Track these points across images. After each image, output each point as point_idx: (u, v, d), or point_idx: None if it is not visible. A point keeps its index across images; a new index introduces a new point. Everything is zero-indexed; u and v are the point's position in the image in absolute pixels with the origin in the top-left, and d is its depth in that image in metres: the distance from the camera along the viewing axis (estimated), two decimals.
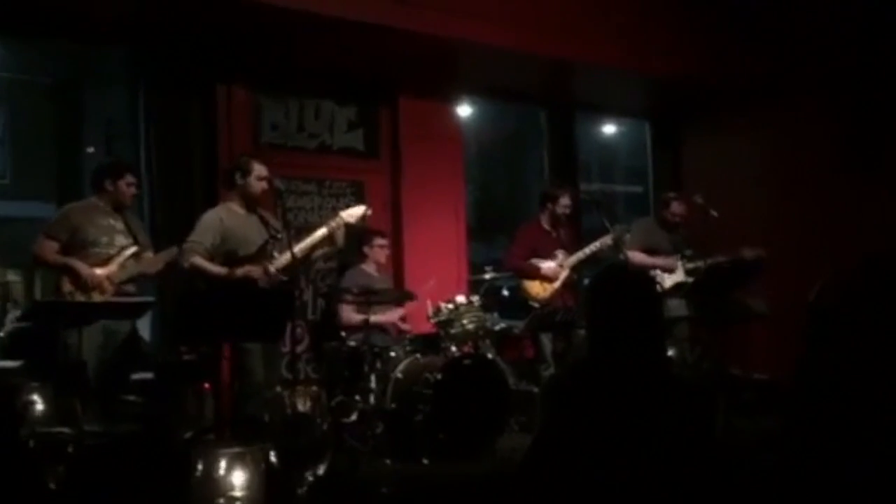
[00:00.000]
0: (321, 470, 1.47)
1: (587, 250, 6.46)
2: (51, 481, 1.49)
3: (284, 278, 4.99)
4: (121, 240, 5.00)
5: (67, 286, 4.80)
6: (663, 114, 8.79)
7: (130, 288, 5.01)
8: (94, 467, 1.78)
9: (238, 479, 1.39)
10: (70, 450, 1.52)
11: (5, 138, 15.07)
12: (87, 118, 12.35)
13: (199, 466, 1.39)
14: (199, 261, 4.96)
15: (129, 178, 5.09)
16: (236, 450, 1.40)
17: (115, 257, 4.94)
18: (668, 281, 6.50)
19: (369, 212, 5.44)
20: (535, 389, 5.86)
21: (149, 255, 5.09)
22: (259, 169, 5.12)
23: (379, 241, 6.22)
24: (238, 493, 1.38)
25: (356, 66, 6.68)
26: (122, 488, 1.99)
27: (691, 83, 7.74)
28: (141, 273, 5.04)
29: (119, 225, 5.04)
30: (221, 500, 1.37)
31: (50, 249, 4.88)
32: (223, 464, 1.39)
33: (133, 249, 5.02)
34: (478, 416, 5.22)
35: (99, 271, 4.86)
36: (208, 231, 5.03)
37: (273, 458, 1.46)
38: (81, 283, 4.80)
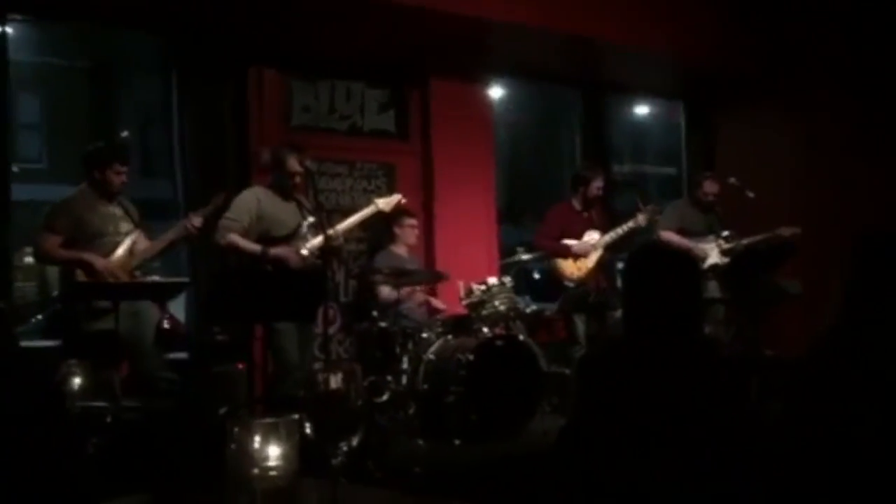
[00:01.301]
0: (355, 441, 1.48)
1: (620, 230, 6.41)
2: (90, 450, 1.51)
3: (318, 260, 5.02)
4: (124, 226, 4.89)
5: (82, 279, 4.68)
6: (697, 95, 8.68)
7: (139, 273, 4.91)
8: (130, 439, 1.80)
9: (273, 450, 1.40)
10: (108, 420, 1.54)
11: (41, 123, 15.25)
12: (121, 102, 12.48)
13: (234, 438, 1.40)
14: (236, 238, 5.01)
15: (118, 167, 4.86)
16: (271, 421, 1.41)
17: (121, 245, 4.83)
18: (703, 263, 6.43)
19: (404, 200, 5.46)
20: (568, 371, 5.84)
21: (143, 240, 4.96)
22: (292, 163, 5.10)
23: (409, 220, 6.22)
24: (273, 464, 1.39)
25: (387, 47, 6.66)
26: (157, 459, 2.01)
27: (725, 64, 7.64)
28: (146, 257, 4.94)
29: (118, 211, 4.90)
30: (256, 471, 1.38)
31: (54, 244, 4.72)
32: (258, 435, 1.40)
33: (136, 234, 4.92)
34: (510, 398, 5.22)
35: (111, 261, 4.76)
36: (244, 210, 5.08)
37: (307, 430, 1.46)
38: (97, 276, 4.68)
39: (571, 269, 6.38)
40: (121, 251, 4.82)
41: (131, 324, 4.69)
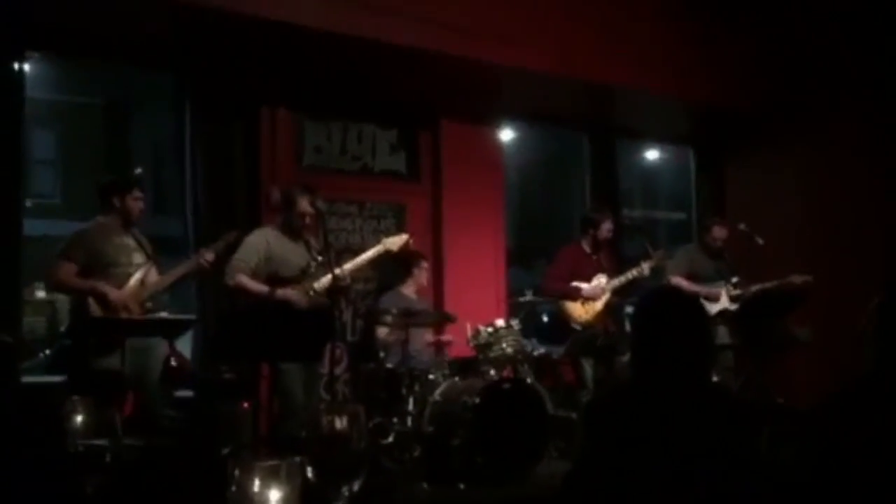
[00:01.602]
0: (357, 486, 1.46)
1: (629, 275, 6.39)
2: (89, 490, 1.50)
3: (326, 300, 5.01)
4: (137, 257, 4.93)
5: (95, 309, 4.71)
6: (707, 140, 8.72)
7: (149, 305, 4.93)
8: (132, 478, 1.78)
9: (274, 492, 1.39)
10: (108, 459, 1.53)
11: (56, 159, 15.41)
12: (135, 139, 12.61)
13: (235, 479, 1.38)
14: (244, 279, 5.02)
15: (137, 193, 4.96)
16: (272, 463, 1.39)
17: (134, 276, 4.87)
18: (713, 308, 6.40)
19: (412, 240, 5.48)
20: (574, 416, 5.79)
21: (153, 273, 4.99)
22: (303, 204, 5.12)
23: (424, 263, 6.27)
24: None
25: (399, 89, 6.73)
26: (159, 499, 1.99)
27: (735, 109, 7.68)
28: (161, 287, 4.97)
29: (132, 242, 4.96)
30: None
31: (69, 272, 4.75)
32: (259, 477, 1.39)
33: (148, 266, 4.95)
34: (516, 442, 5.17)
35: (124, 292, 4.79)
36: (253, 251, 5.09)
37: (309, 473, 1.45)
38: (110, 306, 4.71)
39: (580, 311, 6.36)
40: (132, 282, 4.85)
41: (140, 360, 4.71)
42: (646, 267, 6.36)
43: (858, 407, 2.15)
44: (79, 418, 1.79)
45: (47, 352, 7.46)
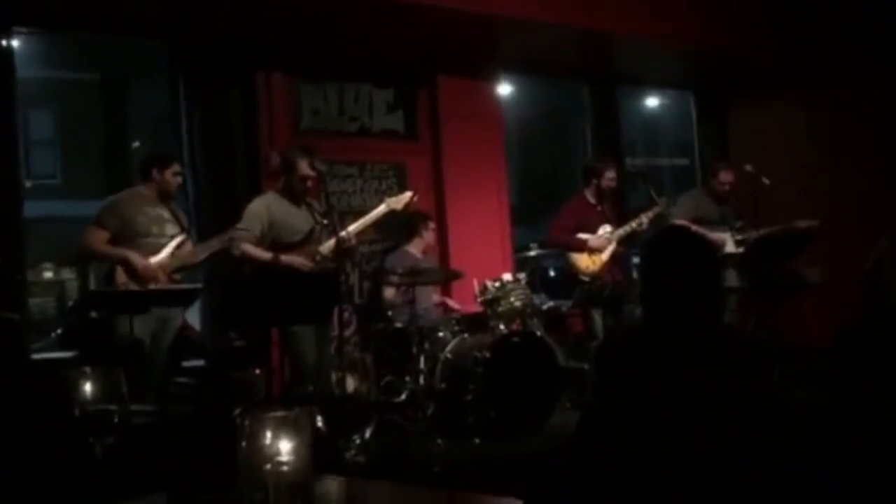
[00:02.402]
0: (368, 434, 1.45)
1: (634, 224, 6.35)
2: (98, 451, 1.49)
3: (332, 264, 5.00)
4: (170, 229, 5.03)
5: (122, 277, 4.81)
6: (708, 85, 8.63)
7: (178, 276, 5.04)
8: (144, 441, 1.78)
9: (284, 444, 1.37)
10: (117, 421, 1.52)
11: (54, 138, 15.35)
12: (132, 113, 12.53)
13: (246, 432, 1.37)
14: (248, 247, 5.01)
15: (176, 168, 5.10)
16: (282, 415, 1.38)
17: (165, 247, 4.96)
18: (719, 253, 6.37)
19: (416, 198, 5.44)
20: (586, 366, 5.80)
21: (189, 245, 5.11)
22: (303, 167, 5.08)
23: (431, 224, 6.28)
24: (285, 458, 1.36)
25: (394, 46, 6.64)
26: (172, 460, 2.00)
27: (734, 54, 7.58)
28: (188, 263, 5.06)
29: (166, 214, 5.05)
30: (268, 466, 1.36)
31: (100, 239, 4.87)
32: (269, 430, 1.38)
33: (181, 238, 5.04)
34: (528, 394, 5.19)
35: (152, 261, 4.88)
36: (256, 219, 5.07)
37: (320, 423, 1.44)
38: (137, 275, 4.81)
39: (586, 262, 6.33)
40: (164, 253, 4.93)
41: (158, 328, 4.81)
42: (646, 217, 6.32)
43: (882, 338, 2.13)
44: (87, 385, 1.78)
45: (58, 331, 7.48)
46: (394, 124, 7.08)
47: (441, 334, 5.46)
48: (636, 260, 6.63)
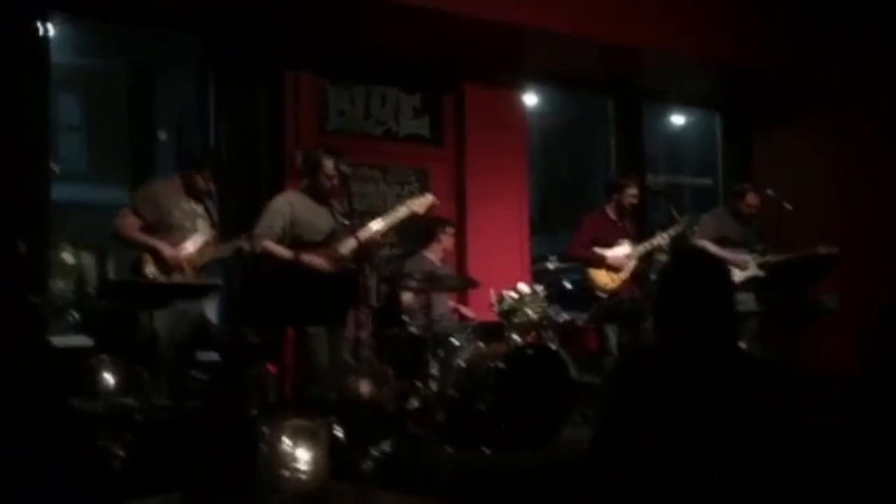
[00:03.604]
0: (386, 446, 1.46)
1: (654, 241, 6.34)
2: (119, 449, 1.51)
3: (351, 265, 5.01)
4: (201, 224, 5.07)
5: (150, 267, 4.85)
6: (734, 105, 8.60)
7: (204, 273, 5.07)
8: (160, 438, 1.79)
9: (303, 453, 1.39)
10: (138, 418, 1.54)
11: (81, 124, 15.47)
12: (159, 104, 12.61)
13: (265, 439, 1.39)
14: (269, 244, 5.02)
15: (206, 174, 5.10)
16: (302, 423, 1.39)
17: (195, 241, 5.00)
18: (739, 276, 6.33)
19: (437, 202, 5.45)
20: (599, 381, 5.78)
21: (215, 242, 5.14)
22: (328, 166, 5.09)
23: (450, 229, 6.26)
24: (303, 466, 1.38)
25: (423, 52, 6.67)
26: (187, 459, 2.01)
27: (763, 74, 7.56)
28: (214, 259, 5.09)
29: (200, 209, 5.10)
30: (286, 473, 1.37)
31: (133, 225, 4.92)
32: (289, 438, 1.39)
33: (211, 234, 5.08)
34: (540, 407, 5.17)
35: (181, 253, 4.92)
36: (277, 216, 5.09)
37: (338, 433, 1.45)
38: (164, 264, 4.86)
39: (605, 279, 6.32)
40: (191, 247, 4.97)
41: (176, 320, 4.82)
42: (666, 236, 6.30)
43: None
44: (106, 377, 1.79)
45: (75, 315, 7.54)
46: (419, 129, 7.10)
47: (455, 342, 5.45)
48: (654, 276, 6.61)
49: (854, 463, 2.16)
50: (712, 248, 6.41)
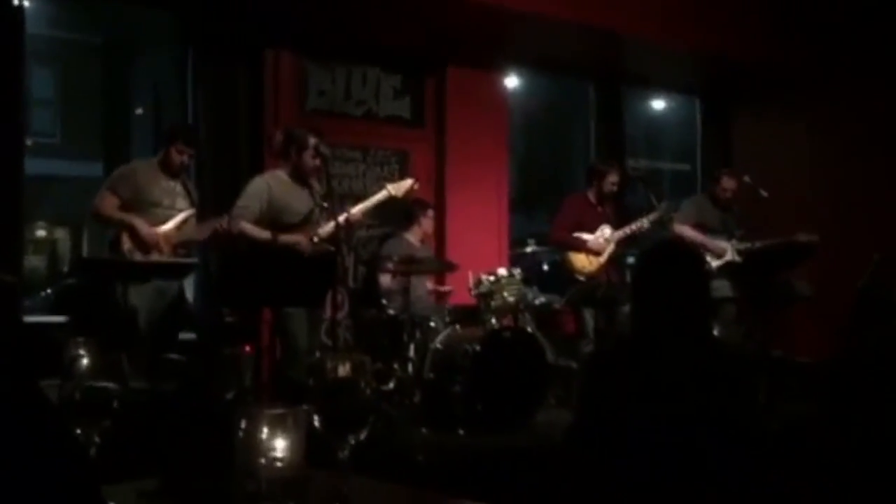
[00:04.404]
0: (363, 435, 1.46)
1: (633, 226, 6.38)
2: (95, 435, 1.50)
3: (330, 247, 5.00)
4: (181, 202, 5.07)
5: (127, 243, 4.86)
6: (714, 91, 8.63)
7: (182, 251, 5.07)
8: (137, 422, 1.78)
9: (280, 441, 1.39)
10: (115, 405, 1.53)
11: (54, 98, 15.27)
12: (135, 79, 12.45)
13: (242, 427, 1.38)
14: (247, 226, 4.99)
15: (179, 146, 5.06)
16: (279, 412, 1.39)
17: (174, 219, 5.00)
18: (717, 262, 6.39)
19: (416, 185, 5.44)
20: (574, 365, 5.83)
21: (194, 220, 5.12)
22: (313, 145, 5.08)
23: (430, 212, 6.25)
24: (279, 455, 1.37)
25: (404, 33, 6.62)
26: (165, 444, 2.00)
27: (744, 61, 7.57)
28: (192, 238, 5.09)
29: (178, 187, 5.10)
30: (263, 460, 1.37)
31: (111, 205, 4.93)
32: (265, 426, 1.39)
33: (190, 212, 5.08)
34: (516, 390, 5.21)
35: (158, 231, 4.92)
36: (255, 197, 5.06)
37: (315, 421, 1.45)
38: (141, 242, 4.86)
39: (583, 262, 6.35)
40: (171, 224, 4.99)
41: (154, 299, 4.81)
42: (645, 221, 6.34)
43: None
44: (84, 360, 1.78)
45: (48, 291, 7.47)
46: (400, 110, 7.06)
47: (433, 324, 5.47)
48: (631, 260, 6.66)
49: (827, 448, 2.20)
50: (690, 233, 6.47)
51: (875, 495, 2.02)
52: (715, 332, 5.50)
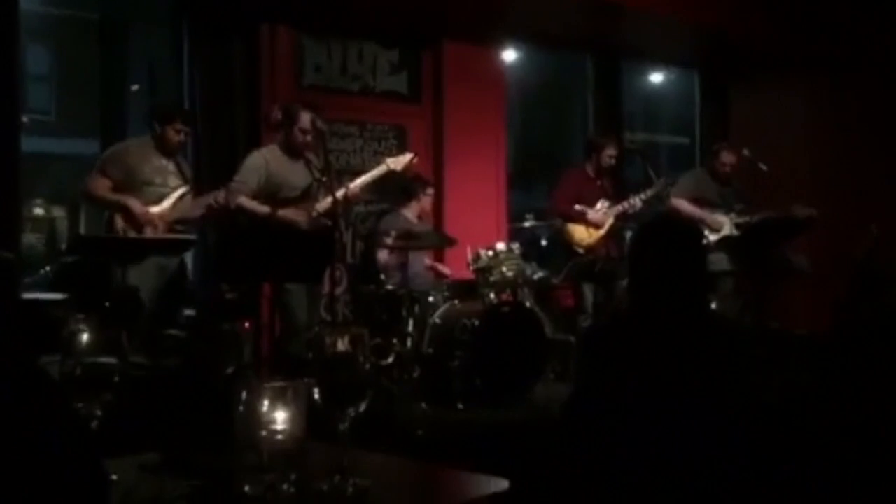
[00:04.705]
0: (362, 407, 1.47)
1: (631, 201, 6.37)
2: (97, 409, 1.51)
3: (327, 221, 5.00)
4: (173, 180, 5.04)
5: (120, 223, 4.85)
6: (713, 65, 8.59)
7: (180, 227, 5.05)
8: (138, 397, 1.80)
9: (280, 414, 1.40)
10: (116, 379, 1.54)
11: (50, 75, 15.18)
12: (131, 56, 12.36)
13: (243, 400, 1.39)
14: (245, 201, 4.99)
15: (178, 125, 5.03)
16: (280, 384, 1.40)
17: (168, 197, 4.98)
18: (714, 236, 6.40)
19: (416, 159, 5.43)
20: (573, 339, 5.85)
21: (190, 198, 5.11)
22: (304, 120, 5.05)
23: (430, 189, 6.25)
24: (280, 427, 1.39)
25: (400, 7, 6.58)
26: (165, 418, 2.02)
27: (742, 34, 7.53)
28: (188, 216, 5.06)
29: (171, 166, 5.07)
30: (263, 433, 1.38)
31: (103, 186, 4.91)
32: (266, 399, 1.40)
33: (184, 190, 5.05)
34: (514, 364, 5.23)
35: (152, 210, 4.90)
36: (253, 172, 5.05)
37: (315, 395, 1.46)
38: (134, 221, 4.84)
39: (583, 234, 6.36)
40: (166, 203, 4.96)
41: (154, 276, 4.80)
42: (642, 197, 6.34)
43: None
44: (84, 336, 1.79)
45: (47, 268, 7.46)
46: (397, 85, 7.04)
47: (431, 299, 5.48)
48: (629, 234, 6.66)
49: (824, 421, 2.21)
50: (688, 207, 6.47)
51: (871, 468, 2.03)
52: (713, 306, 5.54)
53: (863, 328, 2.31)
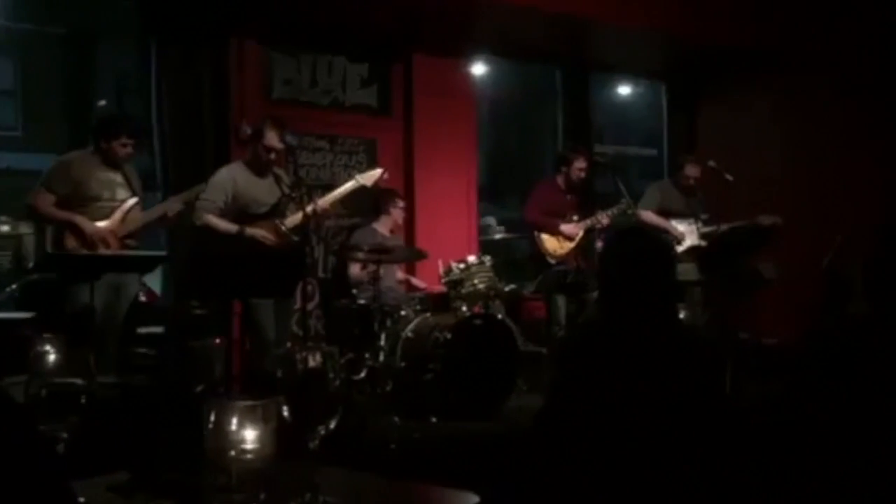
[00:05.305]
0: (332, 425, 1.47)
1: (597, 218, 6.41)
2: (63, 431, 1.49)
3: (295, 238, 4.97)
4: (121, 193, 4.92)
5: (71, 242, 4.73)
6: (680, 76, 8.68)
7: (131, 242, 4.95)
8: (107, 417, 1.78)
9: (249, 433, 1.39)
10: (83, 401, 1.52)
11: (17, 90, 15.01)
12: (98, 70, 12.27)
13: (212, 419, 1.38)
14: (212, 219, 4.95)
15: (124, 140, 4.90)
16: (249, 403, 1.39)
17: (117, 211, 4.87)
18: (682, 245, 6.48)
19: (386, 175, 5.42)
20: (544, 350, 5.87)
21: (139, 210, 5.01)
22: (269, 138, 5.00)
23: (400, 203, 6.23)
24: (250, 447, 1.38)
25: (370, 21, 6.59)
26: (135, 438, 2.00)
27: (709, 45, 7.62)
28: (138, 227, 4.96)
29: (118, 178, 4.94)
30: (233, 453, 1.37)
31: (48, 202, 4.76)
32: (236, 417, 1.39)
33: (133, 202, 4.95)
34: (487, 376, 5.24)
35: (102, 225, 4.80)
36: (220, 189, 5.01)
37: (285, 412, 1.45)
38: (87, 239, 4.73)
39: (554, 245, 6.40)
40: (114, 217, 4.84)
41: (112, 296, 4.69)
42: (610, 213, 6.39)
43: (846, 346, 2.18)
44: (51, 357, 1.76)
45: (13, 286, 7.35)
46: (367, 99, 7.04)
47: (403, 313, 5.48)
48: (600, 246, 6.70)
49: (793, 431, 2.23)
50: (654, 218, 6.54)
51: (844, 474, 2.05)
52: (681, 316, 5.58)
53: (829, 337, 2.34)
